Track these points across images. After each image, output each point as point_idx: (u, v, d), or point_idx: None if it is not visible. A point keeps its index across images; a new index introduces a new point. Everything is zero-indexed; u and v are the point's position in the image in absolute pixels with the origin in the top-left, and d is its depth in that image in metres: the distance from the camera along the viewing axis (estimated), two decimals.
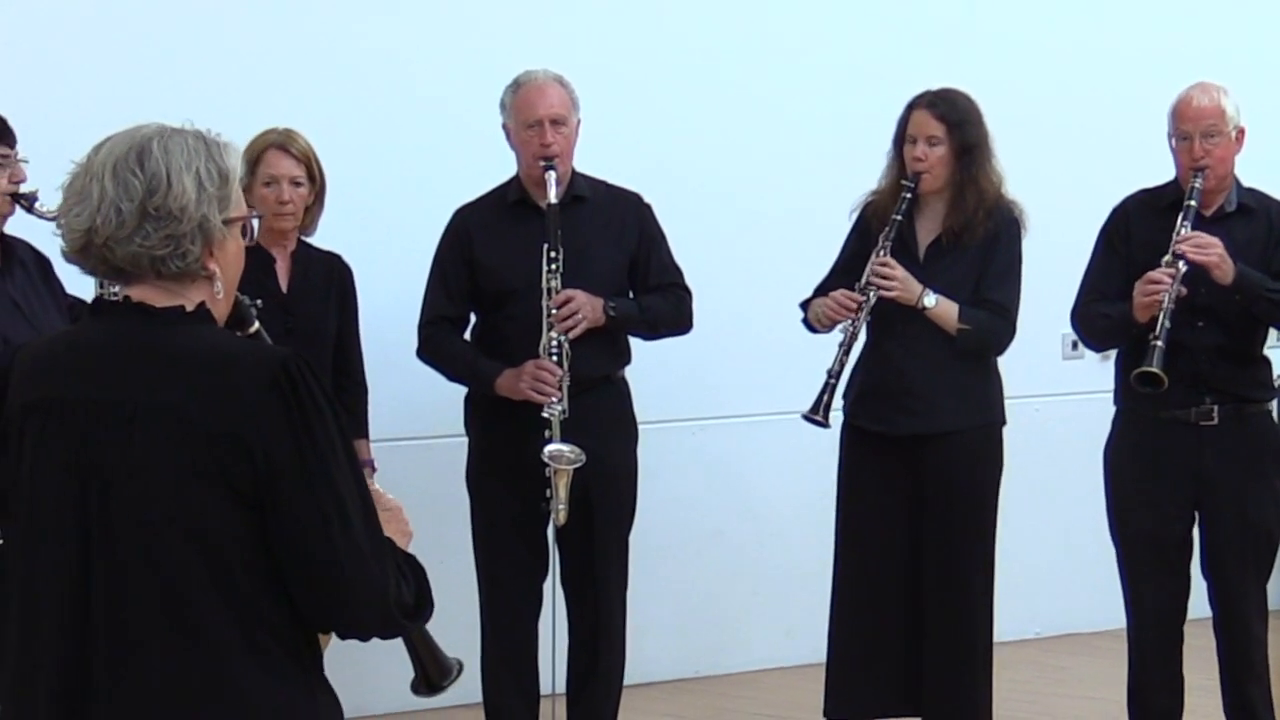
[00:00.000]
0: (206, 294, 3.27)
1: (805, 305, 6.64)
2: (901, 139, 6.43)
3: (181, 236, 3.20)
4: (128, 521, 3.17)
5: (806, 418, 6.37)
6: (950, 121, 6.35)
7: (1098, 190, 6.91)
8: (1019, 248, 6.48)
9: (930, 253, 6.43)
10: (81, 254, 3.27)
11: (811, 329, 6.61)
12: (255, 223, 3.36)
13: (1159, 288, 5.95)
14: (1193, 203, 6.03)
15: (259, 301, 5.37)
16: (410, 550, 3.31)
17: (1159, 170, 6.32)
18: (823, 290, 6.56)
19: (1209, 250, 5.95)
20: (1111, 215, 6.34)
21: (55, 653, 3.20)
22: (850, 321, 6.36)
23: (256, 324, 3.63)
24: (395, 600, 3.23)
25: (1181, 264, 5.95)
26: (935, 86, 6.48)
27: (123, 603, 3.17)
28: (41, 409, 3.27)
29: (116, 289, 3.47)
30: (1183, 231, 6.00)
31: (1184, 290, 5.94)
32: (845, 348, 6.35)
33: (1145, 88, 7.72)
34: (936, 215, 6.43)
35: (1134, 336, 6.07)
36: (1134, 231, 6.22)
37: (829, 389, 6.34)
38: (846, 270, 6.52)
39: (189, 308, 3.25)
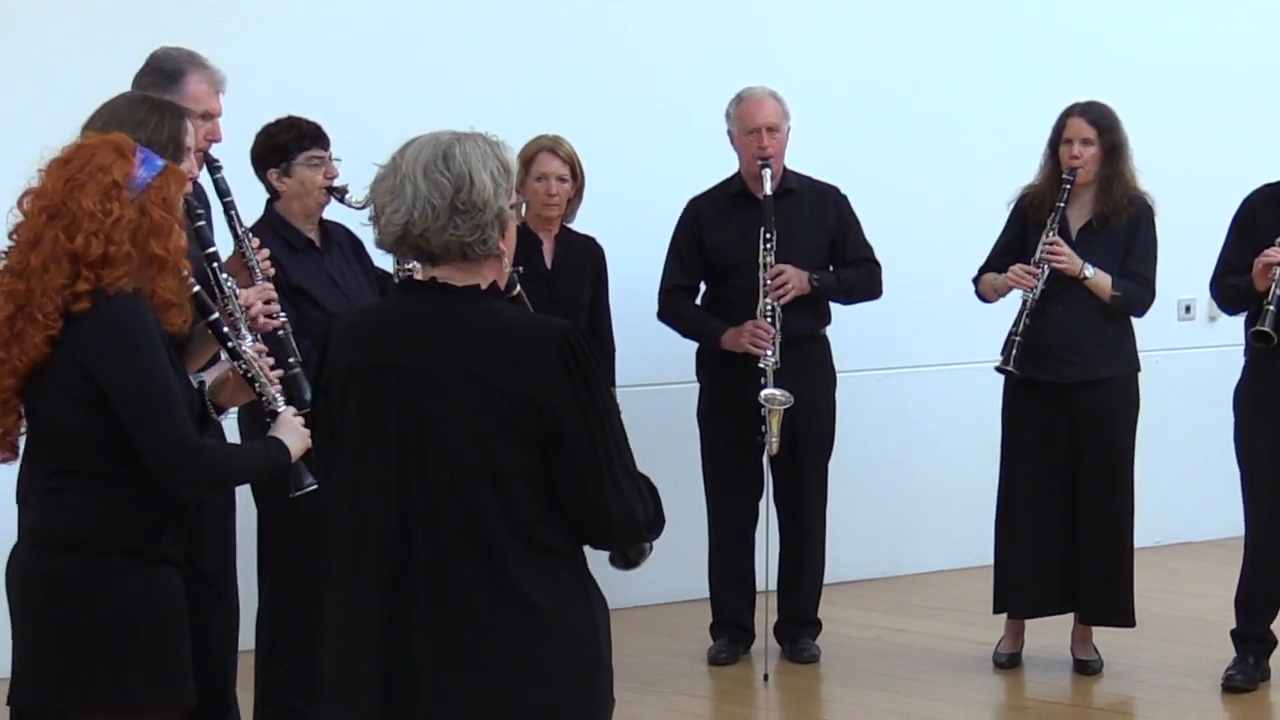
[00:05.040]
0: (496, 271, 3.49)
1: (977, 280, 7.05)
2: (1057, 141, 6.87)
3: (485, 225, 3.42)
4: (440, 463, 3.40)
5: (999, 369, 6.80)
6: (1100, 126, 6.83)
7: (1209, 186, 7.54)
8: (1154, 230, 6.93)
9: (1082, 234, 6.87)
10: (398, 243, 3.46)
11: (984, 299, 7.07)
12: (522, 207, 3.69)
13: (1272, 261, 6.37)
14: None
15: (520, 268, 5.80)
16: (647, 473, 3.53)
17: (1260, 165, 6.84)
18: (990, 267, 7.00)
19: None
20: (1241, 206, 6.71)
21: (382, 561, 3.45)
22: (1030, 290, 6.77)
23: (519, 288, 3.85)
24: (643, 523, 3.50)
25: None
26: (1083, 99, 6.92)
27: (436, 525, 3.40)
28: (364, 371, 3.46)
29: (411, 264, 3.86)
30: None
31: None
32: (1027, 311, 6.76)
33: (1250, 99, 8.36)
34: (1085, 204, 6.89)
35: (1255, 301, 6.45)
36: (1259, 219, 6.61)
37: (1015, 344, 6.77)
38: (1007, 250, 6.99)
39: (483, 285, 3.47)
